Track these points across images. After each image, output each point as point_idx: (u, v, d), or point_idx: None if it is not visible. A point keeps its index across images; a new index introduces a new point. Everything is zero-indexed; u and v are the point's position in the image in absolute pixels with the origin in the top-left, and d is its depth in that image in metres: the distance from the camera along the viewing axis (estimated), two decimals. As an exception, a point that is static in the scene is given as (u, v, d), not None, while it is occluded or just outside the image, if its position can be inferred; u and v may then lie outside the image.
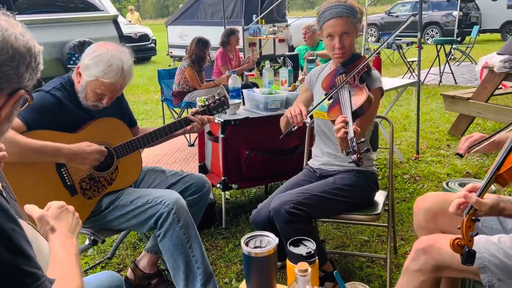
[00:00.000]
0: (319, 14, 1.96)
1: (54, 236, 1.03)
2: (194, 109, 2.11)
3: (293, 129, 1.87)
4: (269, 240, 1.24)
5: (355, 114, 1.68)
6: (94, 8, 7.30)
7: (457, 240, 1.14)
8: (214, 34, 7.65)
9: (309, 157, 2.35)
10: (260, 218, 1.99)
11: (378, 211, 2.05)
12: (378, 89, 1.97)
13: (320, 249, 1.98)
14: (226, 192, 3.04)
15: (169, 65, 11.19)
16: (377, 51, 1.97)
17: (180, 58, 9.14)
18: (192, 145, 4.65)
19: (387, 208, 2.25)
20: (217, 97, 2.16)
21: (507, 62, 3.71)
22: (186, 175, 2.17)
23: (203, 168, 3.13)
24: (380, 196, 2.19)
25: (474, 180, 2.94)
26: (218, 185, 2.84)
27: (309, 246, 1.22)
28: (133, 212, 1.91)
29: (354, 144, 1.52)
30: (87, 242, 2.03)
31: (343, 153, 1.58)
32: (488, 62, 4.07)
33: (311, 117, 2.28)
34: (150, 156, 4.37)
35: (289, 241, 1.25)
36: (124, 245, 2.72)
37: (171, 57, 11.71)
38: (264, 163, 2.80)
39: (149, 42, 13.04)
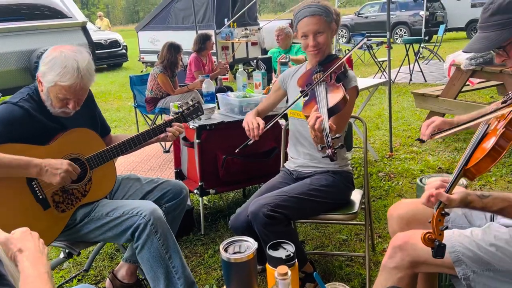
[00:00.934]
0: (294, 14, 2.00)
1: (23, 257, 0.99)
2: (167, 118, 2.07)
3: (249, 142, 1.89)
4: (248, 245, 1.24)
5: (331, 111, 1.67)
6: (62, 15, 7.15)
7: (428, 234, 1.16)
8: (186, 39, 7.60)
9: (286, 159, 2.36)
10: (239, 223, 1.99)
11: (355, 210, 2.08)
12: (354, 88, 2.00)
13: (300, 250, 1.99)
14: (204, 197, 3.02)
15: (141, 71, 11.06)
16: (353, 50, 1.99)
17: (152, 64, 9.05)
18: (168, 151, 4.60)
19: (363, 206, 2.28)
20: (190, 104, 2.14)
21: (473, 60, 3.83)
22: (162, 182, 2.14)
23: (179, 174, 3.10)
24: (356, 195, 2.21)
25: (445, 175, 3.02)
26: (195, 191, 2.82)
27: (288, 249, 1.22)
28: (109, 225, 1.87)
29: (329, 139, 1.53)
30: (61, 255, 1.97)
31: (318, 147, 1.57)
32: (455, 60, 4.19)
33: (286, 118, 2.30)
34: (125, 164, 4.30)
35: (268, 244, 1.25)
36: (101, 256, 2.66)
37: (143, 62, 11.57)
38: (241, 167, 2.80)
39: (120, 48, 12.85)
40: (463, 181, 2.49)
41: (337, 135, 1.55)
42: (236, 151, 1.93)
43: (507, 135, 1.22)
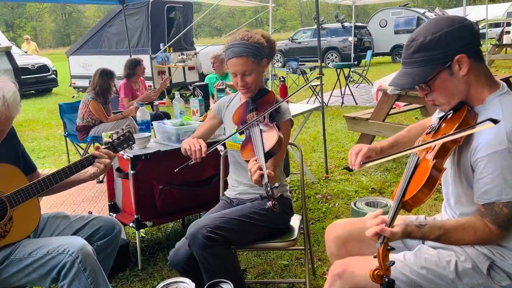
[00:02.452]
0: (224, 48, 1.98)
1: None
2: (96, 151, 1.94)
3: (189, 163, 1.86)
4: (185, 287, 1.19)
5: (268, 155, 1.72)
6: (-17, 40, 6.69)
7: (376, 271, 1.17)
8: (120, 64, 7.39)
9: (225, 187, 2.34)
10: (179, 258, 1.92)
11: (294, 237, 2.09)
12: (288, 121, 2.03)
13: (239, 278, 1.95)
14: (141, 230, 2.89)
15: (73, 97, 10.60)
16: (289, 96, 2.02)
17: (84, 89, 8.69)
18: (101, 181, 4.38)
19: (302, 231, 2.30)
20: (121, 133, 2.05)
21: (397, 85, 4.07)
22: (92, 218, 2.02)
23: (113, 207, 2.95)
24: (295, 220, 2.23)
25: (379, 198, 3.15)
26: (131, 224, 2.69)
27: None
28: (33, 266, 1.73)
29: (268, 189, 1.56)
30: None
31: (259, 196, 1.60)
32: (381, 85, 4.45)
33: (225, 145, 2.29)
34: (55, 197, 4.03)
35: (206, 285, 1.21)
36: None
37: (74, 88, 11.10)
38: (180, 197, 2.73)
39: (49, 73, 12.24)
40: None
41: (276, 184, 1.60)
42: (175, 170, 1.88)
43: (437, 166, 1.28)
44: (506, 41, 15.86)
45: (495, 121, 1.16)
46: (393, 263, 1.17)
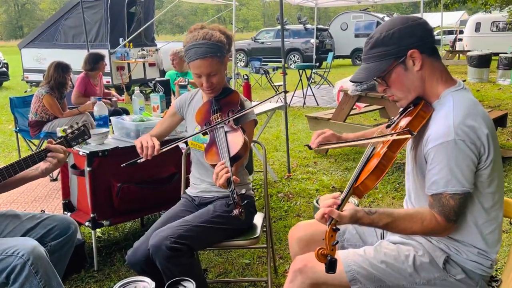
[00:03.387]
0: (185, 48, 1.89)
1: None
2: (49, 144, 1.83)
3: (138, 160, 1.80)
4: (145, 286, 1.14)
5: (233, 159, 1.70)
6: None
7: (321, 250, 1.19)
8: (76, 58, 7.12)
9: (187, 185, 2.29)
10: (137, 257, 1.85)
11: (257, 234, 2.07)
12: (252, 122, 2.01)
13: (202, 282, 1.91)
14: (97, 229, 2.78)
15: (25, 91, 10.11)
16: (254, 106, 1.99)
17: (38, 84, 8.30)
18: (55, 179, 4.19)
19: (265, 229, 2.29)
20: (75, 127, 1.95)
21: (358, 86, 4.17)
22: (46, 217, 1.91)
23: (68, 206, 2.82)
24: (258, 219, 2.21)
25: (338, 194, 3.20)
26: (86, 224, 2.58)
27: (188, 286, 1.15)
28: (-22, 270, 1.61)
29: (234, 196, 1.54)
30: None
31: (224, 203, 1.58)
32: (343, 86, 4.53)
33: (187, 144, 2.23)
34: (3, 196, 3.81)
35: (167, 283, 1.16)
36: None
37: (27, 82, 10.59)
38: (139, 195, 2.64)
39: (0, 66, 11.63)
40: (355, 200, 2.65)
41: (242, 191, 1.59)
42: (122, 165, 1.80)
43: (388, 155, 1.32)
44: (459, 47, 16.66)
45: (411, 133, 1.26)
46: (337, 242, 1.20)
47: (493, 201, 1.39)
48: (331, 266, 1.18)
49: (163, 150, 1.83)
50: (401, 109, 1.52)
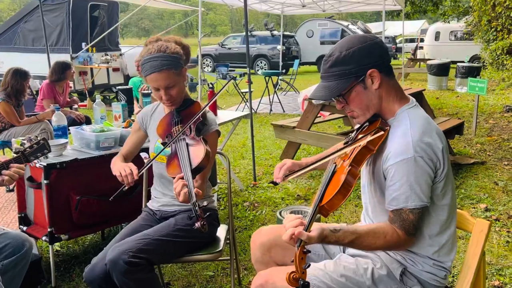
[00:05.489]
0: (140, 62, 1.86)
1: None
2: (4, 159, 1.78)
3: (123, 189, 1.81)
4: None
5: (196, 171, 1.68)
6: None
7: (292, 274, 1.19)
8: (35, 62, 6.90)
9: (148, 198, 2.24)
10: (95, 274, 1.79)
11: (220, 248, 2.06)
12: (215, 132, 1.99)
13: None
14: (56, 243, 2.68)
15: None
16: (209, 103, 1.97)
17: (-6, 88, 7.97)
18: (12, 190, 4.02)
19: (228, 241, 2.27)
20: (34, 141, 1.88)
21: (317, 101, 4.22)
22: (-2, 235, 1.83)
23: (24, 220, 2.71)
24: (221, 231, 2.20)
25: (303, 206, 3.22)
26: (44, 238, 2.49)
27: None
28: None
29: (196, 208, 1.52)
30: None
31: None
32: (307, 95, 4.58)
33: (149, 155, 2.19)
34: (-45, 209, 3.62)
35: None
36: None
37: (-17, 87, 10.12)
38: (99, 208, 2.57)
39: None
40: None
41: (204, 203, 1.57)
42: (110, 199, 1.82)
43: (352, 172, 1.34)
44: (420, 55, 17.25)
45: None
46: (309, 265, 1.20)
47: (447, 213, 1.45)
48: None
49: (141, 172, 1.85)
50: (357, 125, 1.55)
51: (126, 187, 1.83)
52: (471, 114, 7.23)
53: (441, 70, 11.01)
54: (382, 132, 1.38)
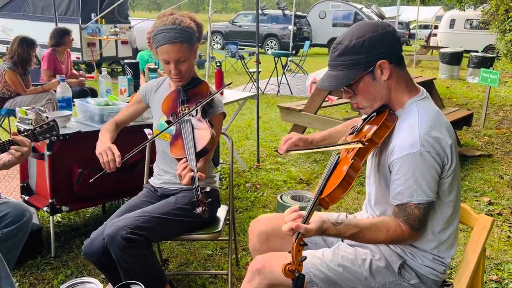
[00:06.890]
0: (152, 33, 1.83)
1: None
2: (15, 136, 1.76)
3: (104, 173, 1.79)
4: (92, 287, 1.10)
5: (200, 155, 1.66)
6: None
7: (288, 266, 1.18)
8: (44, 31, 6.79)
9: (150, 174, 2.24)
10: (94, 248, 1.80)
11: (219, 229, 2.05)
12: (221, 114, 1.97)
13: (159, 275, 1.88)
14: (57, 214, 2.70)
15: (-11, 62, 9.66)
16: (221, 90, 1.94)
17: (2, 55, 7.95)
18: (16, 159, 4.04)
19: (228, 222, 2.27)
20: (45, 122, 1.88)
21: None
22: (-2, 204, 1.84)
23: (26, 189, 2.72)
24: (222, 211, 2.19)
25: (305, 191, 3.21)
26: (45, 209, 2.50)
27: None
28: None
29: (199, 193, 1.51)
30: None
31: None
32: (316, 78, 4.52)
33: (153, 132, 2.18)
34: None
35: (117, 287, 1.13)
36: None
37: (-9, 53, 10.11)
38: (101, 182, 2.50)
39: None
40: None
41: (207, 189, 1.55)
42: (90, 180, 1.80)
43: (355, 166, 1.31)
44: (433, 43, 16.94)
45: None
46: (305, 258, 1.19)
47: (452, 209, 1.42)
48: (299, 282, 1.17)
49: (125, 159, 1.83)
50: (364, 115, 1.51)
51: (108, 172, 1.80)
52: (481, 105, 7.13)
53: (454, 59, 10.81)
54: (345, 146, 1.36)
